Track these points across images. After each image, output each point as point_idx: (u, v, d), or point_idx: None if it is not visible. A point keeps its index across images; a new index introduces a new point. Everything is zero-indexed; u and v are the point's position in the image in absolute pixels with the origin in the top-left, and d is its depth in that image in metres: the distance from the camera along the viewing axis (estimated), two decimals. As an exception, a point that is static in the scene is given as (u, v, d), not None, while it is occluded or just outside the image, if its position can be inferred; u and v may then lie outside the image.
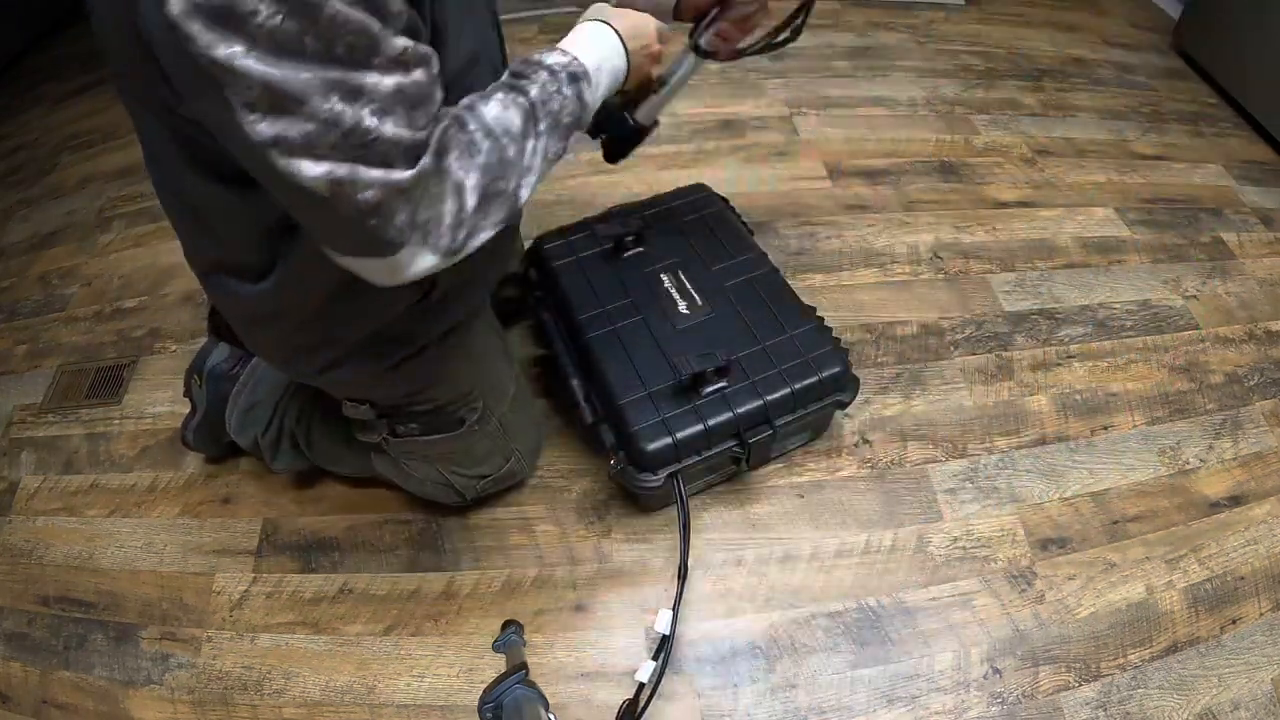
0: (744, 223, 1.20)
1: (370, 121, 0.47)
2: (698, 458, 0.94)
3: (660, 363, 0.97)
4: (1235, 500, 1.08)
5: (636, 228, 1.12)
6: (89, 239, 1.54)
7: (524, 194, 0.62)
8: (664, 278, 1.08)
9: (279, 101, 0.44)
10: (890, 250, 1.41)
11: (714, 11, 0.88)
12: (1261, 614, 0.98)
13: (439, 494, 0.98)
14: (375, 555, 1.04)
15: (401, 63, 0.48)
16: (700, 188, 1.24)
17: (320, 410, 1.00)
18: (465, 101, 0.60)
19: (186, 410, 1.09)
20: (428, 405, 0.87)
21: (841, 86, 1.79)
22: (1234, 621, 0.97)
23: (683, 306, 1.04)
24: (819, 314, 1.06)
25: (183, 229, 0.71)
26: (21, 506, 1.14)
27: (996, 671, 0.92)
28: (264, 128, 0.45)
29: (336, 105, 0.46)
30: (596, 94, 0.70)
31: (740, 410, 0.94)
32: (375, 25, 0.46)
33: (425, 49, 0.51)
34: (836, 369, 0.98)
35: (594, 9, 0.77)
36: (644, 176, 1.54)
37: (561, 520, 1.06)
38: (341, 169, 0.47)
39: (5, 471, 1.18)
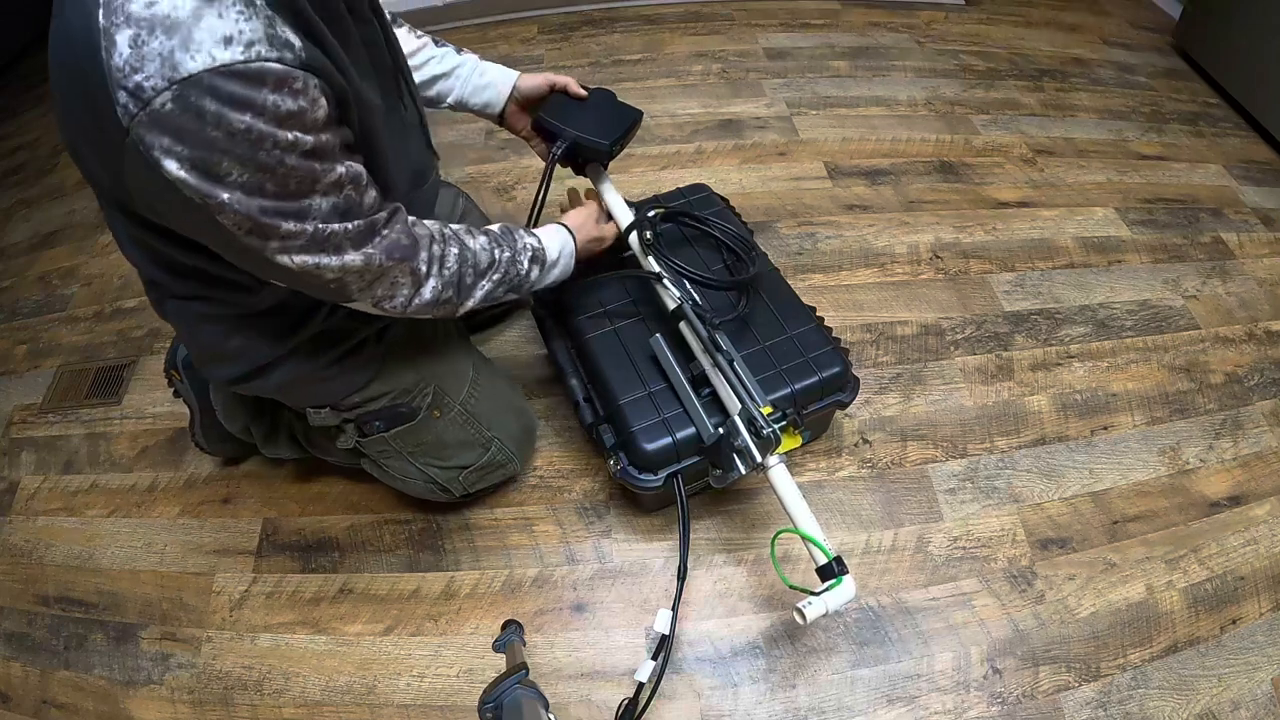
0: (744, 222, 1.20)
1: (320, 227, 0.61)
2: (698, 458, 0.94)
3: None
4: (1235, 500, 1.08)
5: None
6: (89, 239, 1.54)
7: (462, 309, 0.80)
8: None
9: (259, 229, 0.58)
10: (890, 250, 1.41)
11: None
12: (1261, 614, 0.98)
13: (427, 492, 0.98)
14: (375, 555, 1.04)
15: (337, 185, 0.61)
16: (700, 187, 1.23)
17: None
18: (465, 231, 0.79)
19: (186, 411, 1.09)
20: (379, 402, 0.88)
21: (841, 86, 1.79)
22: (1234, 621, 0.97)
23: (683, 306, 1.04)
24: (819, 314, 1.06)
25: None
26: (21, 506, 1.14)
27: (996, 671, 0.92)
28: (251, 240, 0.59)
29: (293, 225, 0.59)
30: (545, 279, 0.90)
31: (740, 410, 0.93)
32: (316, 167, 0.58)
33: (357, 168, 0.63)
34: (836, 369, 0.98)
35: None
36: (644, 176, 1.54)
37: (561, 520, 1.06)
38: (309, 259, 0.62)
39: (5, 471, 1.19)
